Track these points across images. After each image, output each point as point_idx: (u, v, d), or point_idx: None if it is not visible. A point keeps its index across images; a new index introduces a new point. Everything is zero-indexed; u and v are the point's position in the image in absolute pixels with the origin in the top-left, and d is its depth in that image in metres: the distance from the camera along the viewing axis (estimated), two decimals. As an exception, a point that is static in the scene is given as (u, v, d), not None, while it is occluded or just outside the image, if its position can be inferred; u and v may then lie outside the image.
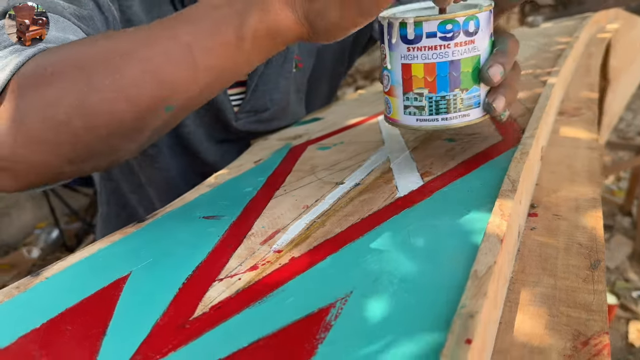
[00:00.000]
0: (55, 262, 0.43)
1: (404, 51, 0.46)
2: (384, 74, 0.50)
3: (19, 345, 0.33)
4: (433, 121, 0.48)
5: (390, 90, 0.49)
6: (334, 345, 0.28)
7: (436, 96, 0.47)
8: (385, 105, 0.52)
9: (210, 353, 0.29)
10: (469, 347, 0.24)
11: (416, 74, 0.46)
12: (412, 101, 0.48)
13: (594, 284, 0.38)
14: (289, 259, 0.39)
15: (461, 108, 0.48)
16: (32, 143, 0.41)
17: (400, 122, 0.50)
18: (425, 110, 0.48)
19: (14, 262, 2.22)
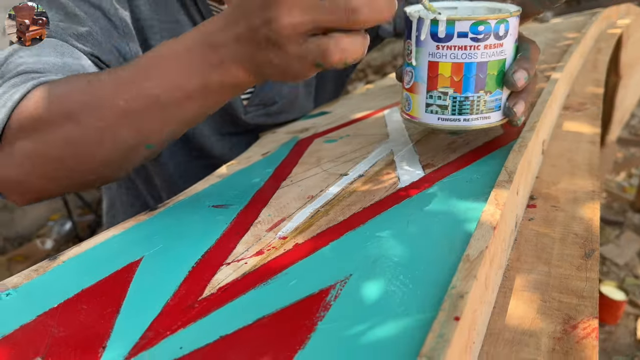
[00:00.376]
0: (71, 247, 0.45)
1: (432, 49, 0.46)
2: (406, 69, 0.50)
3: (38, 322, 0.35)
4: (454, 121, 0.48)
5: (413, 86, 0.49)
6: (333, 323, 0.30)
7: (461, 96, 0.47)
8: (404, 101, 0.51)
9: (218, 329, 0.31)
10: (457, 324, 0.26)
11: (443, 73, 0.46)
12: (435, 100, 0.48)
13: (587, 272, 0.40)
14: (293, 245, 0.40)
15: (483, 110, 0.48)
16: (35, 175, 0.49)
17: (419, 120, 0.50)
18: (448, 109, 0.48)
19: (28, 253, 2.26)
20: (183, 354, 0.30)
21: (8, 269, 2.06)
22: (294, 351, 0.28)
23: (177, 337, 0.31)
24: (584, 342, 0.33)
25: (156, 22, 0.65)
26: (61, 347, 0.32)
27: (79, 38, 0.56)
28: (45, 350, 0.32)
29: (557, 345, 0.33)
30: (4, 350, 0.33)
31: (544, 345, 0.33)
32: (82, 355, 0.31)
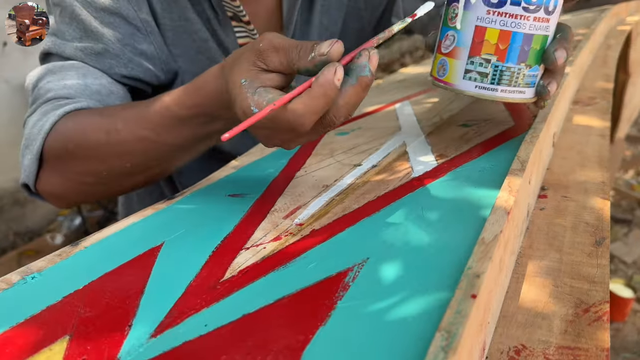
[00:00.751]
0: (93, 234, 0.46)
1: (482, 13, 0.45)
2: (447, 33, 0.48)
3: (64, 303, 0.37)
4: (492, 91, 0.47)
5: (453, 51, 0.48)
6: (352, 302, 0.31)
7: (503, 65, 0.46)
8: (438, 66, 0.50)
9: (240, 309, 0.32)
10: (474, 301, 0.27)
11: (489, 39, 0.45)
12: (476, 66, 0.47)
13: (598, 258, 0.41)
14: (310, 231, 0.42)
15: (520, 84, 0.47)
16: (73, 193, 0.59)
17: (455, 86, 0.48)
18: (488, 78, 0.47)
19: (38, 248, 2.29)
20: (208, 330, 0.31)
21: (18, 263, 2.08)
22: (315, 327, 0.29)
23: (202, 316, 0.32)
24: (595, 325, 0.34)
25: (168, 21, 0.66)
26: (88, 326, 0.34)
27: (97, 57, 0.62)
28: (73, 329, 0.33)
29: (569, 327, 0.34)
30: (33, 328, 0.34)
31: (556, 327, 0.34)
32: (109, 333, 0.32)
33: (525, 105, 0.50)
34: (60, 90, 0.59)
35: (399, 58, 3.86)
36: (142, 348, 0.30)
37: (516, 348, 0.32)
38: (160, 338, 0.31)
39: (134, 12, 0.62)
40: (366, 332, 0.28)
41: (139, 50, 0.64)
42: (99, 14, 0.61)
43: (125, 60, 0.63)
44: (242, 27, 0.70)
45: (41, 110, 0.58)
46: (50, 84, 0.60)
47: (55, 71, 0.61)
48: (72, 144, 0.55)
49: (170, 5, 0.65)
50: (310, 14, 0.75)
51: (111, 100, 0.62)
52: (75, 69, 0.61)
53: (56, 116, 0.56)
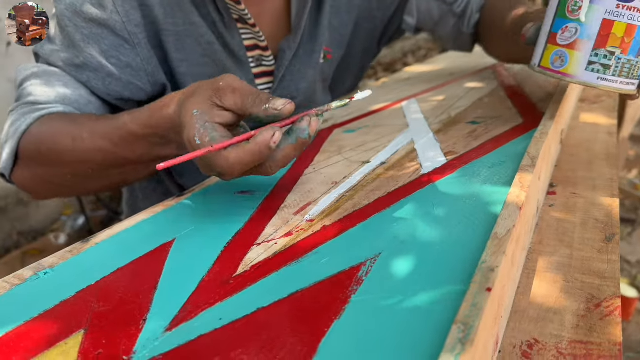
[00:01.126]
0: (103, 230, 0.47)
1: (611, 7, 0.46)
2: (567, 25, 0.49)
3: (77, 298, 0.37)
4: (612, 82, 0.48)
5: (574, 43, 0.49)
6: (366, 295, 0.31)
7: (625, 58, 0.47)
8: (553, 57, 0.51)
9: (254, 303, 0.33)
10: (489, 294, 0.27)
11: (616, 32, 0.47)
12: (600, 58, 0.48)
13: (608, 254, 0.41)
14: (321, 227, 0.42)
15: (635, 76, 0.49)
16: (44, 189, 0.64)
17: (575, 77, 0.50)
18: (610, 70, 0.48)
19: (42, 247, 2.29)
20: (223, 324, 0.31)
21: (22, 263, 2.09)
22: (330, 321, 0.30)
23: (216, 310, 0.33)
24: (607, 319, 0.34)
25: (171, 26, 0.66)
26: (102, 320, 0.34)
27: (77, 69, 0.64)
28: (88, 323, 0.34)
29: (581, 322, 0.34)
30: (48, 323, 0.34)
31: (568, 322, 0.34)
32: (124, 327, 0.33)
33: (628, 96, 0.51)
34: (40, 96, 0.63)
35: (401, 57, 3.86)
36: (157, 342, 0.31)
37: (529, 342, 0.33)
38: (176, 332, 0.31)
39: (122, 23, 0.63)
40: (381, 325, 0.29)
41: (124, 62, 0.65)
42: (88, 24, 0.63)
43: (103, 75, 0.65)
44: (247, 29, 0.70)
45: (20, 111, 0.62)
46: (33, 87, 0.63)
47: (40, 75, 0.64)
48: (44, 147, 0.59)
49: (174, 10, 0.66)
50: (319, 15, 0.75)
51: (88, 110, 0.66)
52: (58, 77, 0.64)
53: (32, 119, 0.60)
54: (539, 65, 0.52)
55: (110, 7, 0.62)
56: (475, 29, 0.86)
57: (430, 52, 3.97)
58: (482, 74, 0.90)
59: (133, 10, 0.63)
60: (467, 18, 0.85)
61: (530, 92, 0.72)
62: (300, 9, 0.71)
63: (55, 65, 0.65)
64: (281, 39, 0.74)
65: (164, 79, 0.70)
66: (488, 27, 0.83)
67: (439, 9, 0.86)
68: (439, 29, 0.89)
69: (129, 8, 0.63)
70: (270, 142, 0.41)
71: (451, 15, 0.86)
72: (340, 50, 0.84)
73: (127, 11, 0.63)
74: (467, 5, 0.85)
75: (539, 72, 0.53)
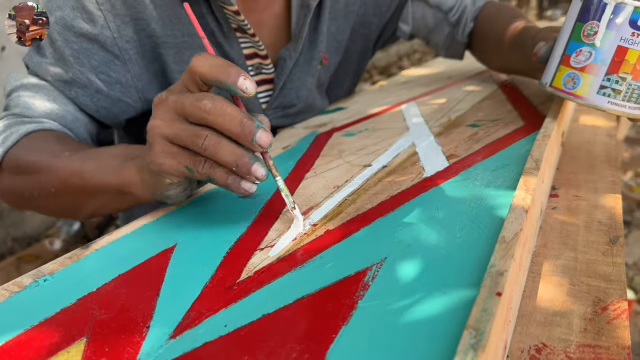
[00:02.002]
0: (103, 236, 0.46)
1: (626, 34, 0.47)
2: (581, 49, 0.50)
3: (78, 306, 0.36)
4: (622, 107, 0.50)
5: (588, 67, 0.50)
6: (373, 301, 0.31)
7: (635, 84, 0.49)
8: (565, 79, 0.52)
9: (259, 309, 0.32)
10: (500, 299, 0.27)
11: (629, 59, 0.48)
12: (612, 83, 0.49)
13: (613, 257, 0.41)
14: (325, 231, 0.41)
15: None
16: (14, 202, 0.63)
17: (587, 100, 0.51)
18: (621, 95, 0.49)
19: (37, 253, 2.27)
20: (228, 331, 0.31)
21: (17, 269, 2.07)
22: (337, 327, 0.29)
23: (220, 316, 0.32)
24: (615, 323, 0.34)
25: (170, 39, 0.66)
26: (105, 328, 0.33)
27: (65, 85, 0.64)
28: (90, 331, 0.33)
29: (588, 325, 0.34)
30: (49, 330, 0.34)
31: (576, 325, 0.34)
32: (127, 334, 0.32)
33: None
34: (27, 110, 0.62)
35: (396, 61, 3.86)
36: (161, 349, 0.30)
37: (537, 347, 0.32)
38: (180, 339, 0.31)
39: (112, 39, 0.63)
40: (390, 331, 0.28)
41: (113, 78, 0.65)
42: (78, 39, 0.62)
43: (92, 91, 0.65)
44: (247, 38, 0.69)
45: (6, 122, 0.62)
46: (21, 99, 0.63)
47: (29, 87, 0.64)
48: (24, 163, 0.58)
49: (173, 22, 0.65)
50: (318, 22, 0.75)
51: (75, 126, 0.65)
52: (46, 91, 0.64)
53: (19, 135, 0.60)
54: (551, 85, 0.54)
55: (101, 22, 0.61)
56: (468, 38, 0.87)
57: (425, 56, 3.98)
58: (480, 77, 0.90)
59: (124, 26, 0.63)
60: (462, 27, 0.86)
61: (529, 94, 0.72)
62: (300, 17, 0.71)
63: (44, 78, 0.64)
64: (280, 47, 0.74)
65: (154, 95, 0.69)
66: (483, 37, 0.84)
67: (434, 17, 0.87)
68: (433, 37, 0.90)
69: (120, 23, 0.62)
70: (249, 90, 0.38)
71: (446, 23, 0.87)
72: (337, 56, 0.84)
73: (119, 26, 0.62)
74: (462, 15, 0.86)
75: (550, 92, 0.54)
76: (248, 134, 0.38)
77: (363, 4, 0.83)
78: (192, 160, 0.40)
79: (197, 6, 0.65)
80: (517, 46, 0.69)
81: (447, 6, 0.85)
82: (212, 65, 0.38)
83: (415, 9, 0.86)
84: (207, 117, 0.38)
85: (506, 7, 0.84)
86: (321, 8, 0.74)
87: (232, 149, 0.39)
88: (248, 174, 0.39)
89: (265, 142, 0.38)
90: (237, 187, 0.40)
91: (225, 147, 0.39)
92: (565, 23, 0.53)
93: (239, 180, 0.40)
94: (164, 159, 0.41)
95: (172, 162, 0.41)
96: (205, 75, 0.38)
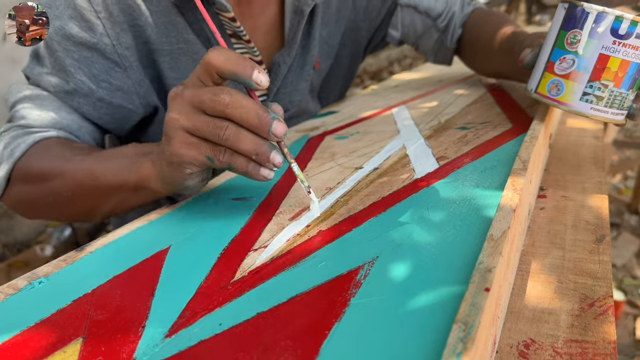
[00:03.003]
0: (97, 239, 0.46)
1: (608, 42, 0.49)
2: (565, 56, 0.51)
3: (74, 307, 0.37)
4: (604, 113, 0.51)
5: (571, 74, 0.51)
6: (365, 298, 0.31)
7: (617, 91, 0.50)
8: (550, 85, 0.53)
9: (253, 308, 0.33)
10: (488, 294, 0.27)
11: (610, 67, 0.49)
12: (595, 90, 0.50)
13: (600, 255, 0.41)
14: (317, 231, 0.42)
15: (623, 107, 0.52)
16: (29, 211, 0.63)
17: (570, 106, 0.52)
18: (603, 101, 0.51)
19: (27, 259, 2.26)
20: (223, 329, 0.31)
21: (7, 276, 2.06)
22: (331, 324, 0.30)
23: (215, 315, 0.33)
24: (601, 318, 0.34)
25: (165, 46, 0.66)
26: (101, 328, 0.34)
27: (66, 95, 0.64)
28: (86, 331, 0.33)
29: (575, 321, 0.34)
30: (45, 331, 0.34)
31: (563, 321, 0.34)
32: (123, 334, 0.33)
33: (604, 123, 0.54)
34: (33, 120, 0.63)
35: (387, 66, 3.89)
36: (157, 348, 0.31)
37: (525, 342, 0.33)
38: (176, 338, 0.31)
39: (112, 46, 0.63)
40: (381, 327, 0.29)
41: (114, 85, 0.65)
42: (77, 48, 0.62)
43: (94, 100, 0.65)
44: (242, 44, 0.70)
45: (13, 134, 0.62)
46: (25, 110, 0.63)
47: (33, 98, 0.64)
48: (34, 168, 0.58)
49: (168, 29, 0.65)
50: (311, 27, 0.76)
51: (81, 134, 0.66)
52: (50, 101, 0.64)
53: (27, 145, 0.60)
54: (536, 91, 0.55)
55: (100, 30, 0.62)
56: (457, 44, 0.88)
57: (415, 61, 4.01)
58: (469, 81, 0.91)
59: (123, 33, 0.63)
60: (450, 33, 0.87)
61: (517, 97, 0.73)
62: (294, 23, 0.71)
63: (45, 89, 0.65)
64: (274, 52, 0.74)
65: (156, 100, 0.70)
66: (472, 43, 0.85)
67: (423, 23, 0.88)
68: (422, 43, 0.91)
69: (119, 30, 0.62)
70: (264, 81, 0.40)
71: (434, 29, 0.88)
72: (328, 60, 0.85)
73: (117, 34, 0.63)
74: (451, 21, 0.87)
75: (535, 98, 0.55)
76: (265, 125, 0.40)
77: (353, 9, 0.84)
78: (212, 150, 0.42)
79: (192, 12, 0.65)
80: (507, 51, 0.70)
81: (435, 12, 0.87)
82: (228, 59, 0.40)
83: (405, 15, 0.88)
84: (225, 110, 0.40)
85: (495, 13, 0.86)
86: (314, 13, 0.75)
87: (251, 138, 0.41)
88: (267, 161, 0.42)
89: (281, 132, 0.41)
90: (256, 174, 0.43)
91: (245, 137, 0.41)
92: (550, 30, 0.54)
93: (259, 168, 0.43)
94: (185, 149, 0.42)
95: (194, 153, 0.42)
96: (221, 68, 0.40)
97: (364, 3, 0.85)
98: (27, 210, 0.63)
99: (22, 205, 0.62)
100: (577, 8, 0.50)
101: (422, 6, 0.86)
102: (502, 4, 3.88)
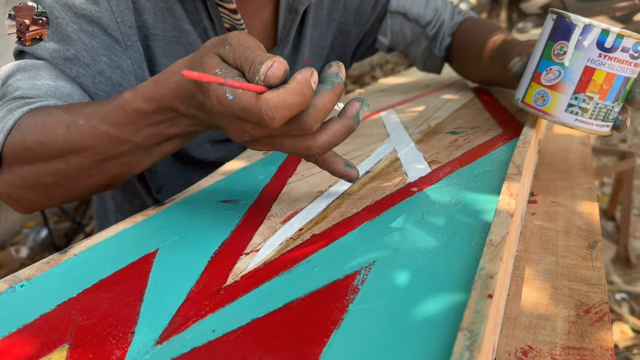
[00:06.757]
0: (82, 240, 0.45)
1: (593, 55, 0.49)
2: (551, 67, 0.52)
3: (58, 312, 0.35)
4: (589, 125, 0.51)
5: (557, 85, 0.51)
6: (364, 304, 0.31)
7: (602, 103, 0.50)
8: (536, 95, 0.53)
9: (248, 313, 0.32)
10: (491, 301, 0.27)
11: (596, 79, 0.49)
12: (580, 102, 0.51)
13: (593, 261, 0.41)
14: (310, 235, 0.41)
15: (609, 119, 0.52)
16: (30, 194, 0.55)
17: (555, 117, 0.52)
18: (588, 113, 0.51)
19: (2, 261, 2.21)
20: (217, 336, 0.30)
21: (-19, 278, 2.01)
22: (329, 330, 0.29)
23: (208, 321, 0.32)
24: (597, 325, 0.34)
25: (160, 32, 0.64)
26: (88, 334, 0.32)
27: (66, 62, 0.59)
28: (72, 337, 0.32)
29: (572, 328, 0.34)
30: (28, 337, 0.33)
31: (560, 328, 0.34)
32: (112, 340, 0.31)
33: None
34: (29, 90, 0.57)
35: (369, 71, 3.90)
36: (148, 355, 0.29)
37: (523, 349, 0.33)
38: (167, 344, 0.30)
39: (115, 23, 0.60)
40: (382, 334, 0.28)
41: (115, 62, 0.62)
42: (79, 20, 0.59)
43: (94, 72, 0.61)
44: None
45: (7, 108, 0.56)
46: (20, 82, 0.58)
47: (27, 69, 0.59)
48: (33, 140, 0.52)
49: (165, 14, 0.64)
50: (302, 27, 0.75)
51: None
52: (47, 70, 0.59)
53: (20, 113, 0.53)
54: (522, 101, 0.55)
55: (105, 4, 0.59)
56: (445, 52, 0.88)
57: (397, 66, 4.03)
58: (456, 86, 0.92)
59: (128, 11, 0.60)
60: (439, 41, 0.87)
61: (505, 103, 0.73)
62: (287, 21, 0.71)
63: (42, 57, 0.59)
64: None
65: None
66: (461, 51, 0.85)
67: (412, 30, 0.88)
68: (411, 50, 0.91)
69: (123, 8, 0.60)
70: (310, 80, 0.37)
71: (424, 37, 0.88)
72: (318, 62, 0.84)
73: (122, 11, 0.60)
74: (440, 29, 0.87)
75: (522, 107, 0.55)
76: (308, 100, 0.38)
77: (344, 12, 0.84)
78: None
79: (192, 2, 0.64)
80: (498, 58, 0.71)
81: (425, 20, 0.87)
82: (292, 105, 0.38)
83: (394, 21, 0.88)
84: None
85: (486, 22, 0.86)
86: (306, 14, 0.74)
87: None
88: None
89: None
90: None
91: (331, 156, 0.44)
92: (538, 41, 0.54)
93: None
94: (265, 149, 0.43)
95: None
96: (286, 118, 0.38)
97: (354, 6, 0.85)
98: (31, 193, 0.55)
99: (25, 190, 0.54)
100: (564, 20, 0.51)
101: (411, 13, 0.86)
102: (484, 11, 3.93)
